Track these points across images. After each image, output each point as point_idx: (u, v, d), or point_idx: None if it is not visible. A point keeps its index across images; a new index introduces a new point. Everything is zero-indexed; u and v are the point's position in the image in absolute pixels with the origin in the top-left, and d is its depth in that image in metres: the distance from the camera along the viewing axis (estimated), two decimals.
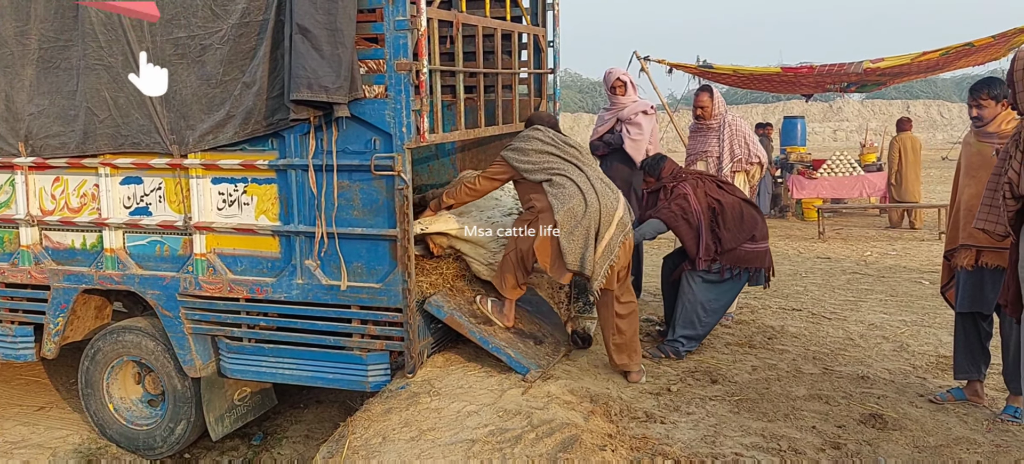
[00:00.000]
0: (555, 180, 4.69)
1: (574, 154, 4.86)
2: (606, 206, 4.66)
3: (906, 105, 38.29)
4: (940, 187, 17.62)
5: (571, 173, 4.72)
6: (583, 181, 4.70)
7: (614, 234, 4.67)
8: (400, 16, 4.27)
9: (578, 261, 4.59)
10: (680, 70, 13.51)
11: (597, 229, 4.62)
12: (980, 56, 11.65)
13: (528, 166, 4.76)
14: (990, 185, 3.48)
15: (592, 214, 4.60)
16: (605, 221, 4.64)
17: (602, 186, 4.75)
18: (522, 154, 4.79)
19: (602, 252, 4.62)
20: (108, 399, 5.42)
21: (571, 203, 4.59)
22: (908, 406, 4.61)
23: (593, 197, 4.65)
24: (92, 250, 5.24)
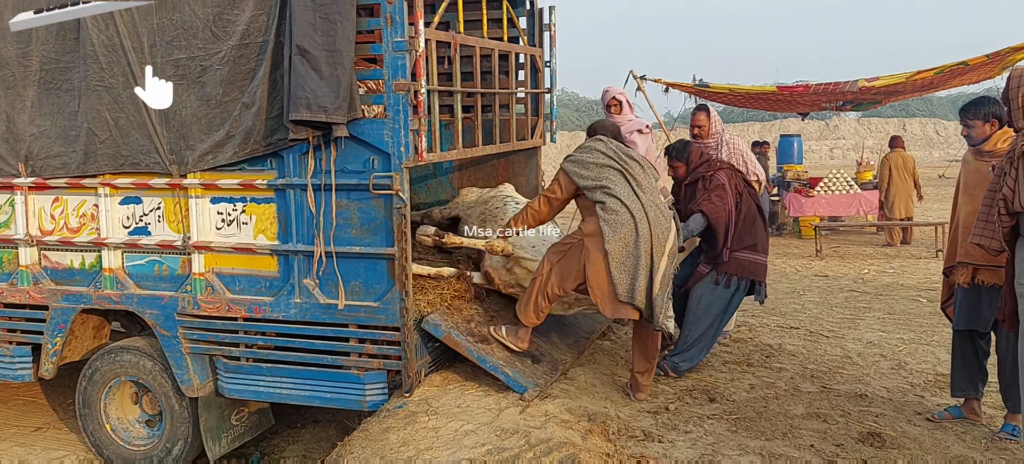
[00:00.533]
0: (608, 204, 4.52)
1: (635, 169, 4.68)
2: (658, 234, 4.53)
3: (902, 123, 38.44)
4: (936, 205, 17.67)
5: (624, 194, 4.55)
6: (635, 204, 4.53)
7: (668, 265, 4.56)
8: (398, 37, 4.31)
9: (628, 292, 4.46)
10: (676, 89, 13.58)
11: (650, 259, 4.49)
12: (974, 75, 11.74)
13: (587, 181, 4.60)
14: (986, 201, 3.51)
15: (643, 244, 4.48)
16: (657, 250, 4.51)
17: (655, 212, 4.58)
18: (582, 166, 4.65)
19: (660, 284, 4.50)
20: (105, 419, 5.41)
21: (623, 231, 4.46)
22: (906, 424, 4.61)
23: (645, 226, 4.50)
24: (91, 270, 5.24)
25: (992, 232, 3.46)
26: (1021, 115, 3.37)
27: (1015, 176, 3.25)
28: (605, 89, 6.81)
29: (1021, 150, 3.23)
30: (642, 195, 4.60)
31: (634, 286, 4.47)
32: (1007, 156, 3.36)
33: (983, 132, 4.35)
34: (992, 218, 3.41)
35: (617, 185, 4.58)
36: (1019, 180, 3.23)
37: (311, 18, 4.23)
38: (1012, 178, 3.26)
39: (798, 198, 13.33)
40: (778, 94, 12.94)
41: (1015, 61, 11.02)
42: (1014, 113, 3.40)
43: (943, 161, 31.13)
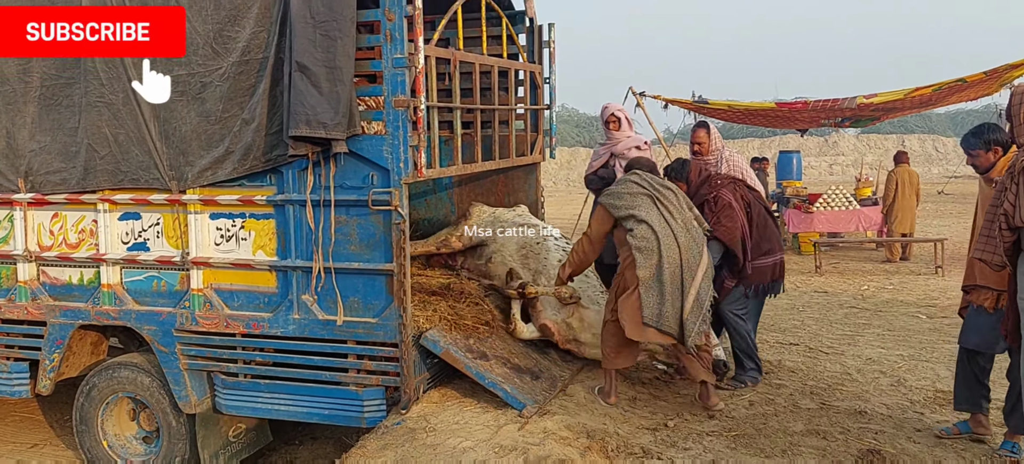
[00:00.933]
0: (636, 231, 4.65)
1: (668, 196, 4.82)
2: (689, 258, 4.62)
3: (901, 139, 38.49)
4: (936, 221, 17.69)
5: (653, 219, 4.66)
6: (664, 229, 4.64)
7: (702, 287, 4.62)
8: (398, 54, 4.33)
9: (655, 316, 4.53)
10: (675, 105, 13.62)
11: (681, 282, 4.57)
12: (972, 92, 11.76)
13: (620, 211, 4.76)
14: (988, 216, 3.52)
15: (672, 267, 4.56)
16: (688, 274, 4.58)
17: (686, 236, 4.69)
18: (617, 198, 4.84)
19: (691, 308, 4.56)
20: (102, 436, 5.39)
21: (652, 257, 4.58)
22: (906, 441, 4.60)
23: (674, 250, 4.59)
24: (89, 286, 5.24)
25: (994, 247, 3.47)
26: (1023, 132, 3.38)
27: (1016, 191, 3.26)
28: (604, 106, 6.82)
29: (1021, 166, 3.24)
30: (672, 220, 4.71)
31: (660, 311, 4.54)
32: (1008, 172, 3.38)
33: (987, 160, 4.34)
34: (994, 233, 3.43)
35: (647, 211, 4.71)
36: (1020, 195, 3.24)
37: (311, 35, 4.25)
38: (1013, 193, 3.28)
39: (797, 214, 13.33)
40: (777, 110, 12.96)
41: (1013, 78, 11.06)
42: (1016, 129, 3.42)
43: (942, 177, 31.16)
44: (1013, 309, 3.50)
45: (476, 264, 5.87)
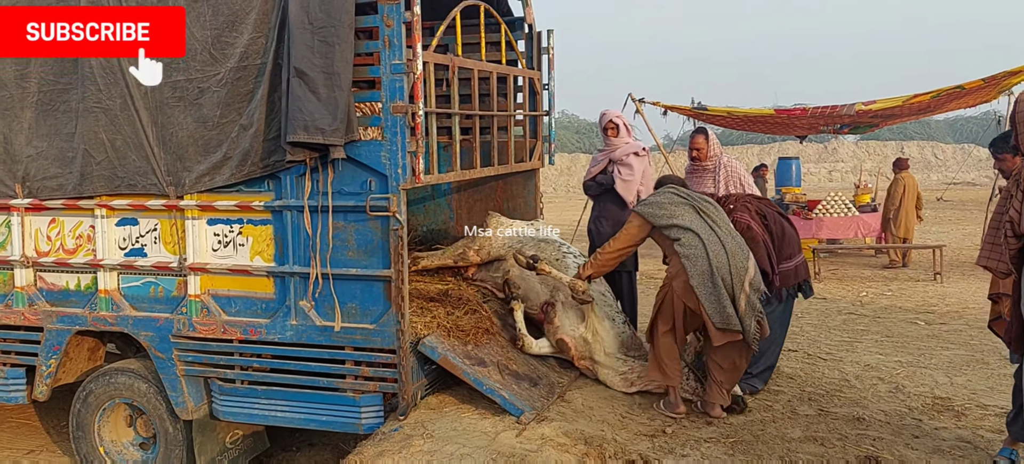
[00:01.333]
0: (684, 239, 4.69)
1: (708, 207, 4.86)
2: (736, 265, 4.65)
3: (900, 146, 38.56)
4: (935, 228, 17.70)
5: (700, 227, 4.71)
6: (711, 237, 4.69)
7: (750, 295, 4.66)
8: (396, 60, 4.33)
9: (724, 319, 4.59)
10: (675, 112, 13.65)
11: (731, 289, 4.61)
12: (971, 98, 11.80)
13: (662, 219, 4.78)
14: (993, 223, 3.52)
15: (722, 273, 4.60)
16: (737, 282, 4.62)
17: (733, 244, 4.73)
18: (657, 207, 4.85)
19: (744, 308, 4.61)
20: (99, 442, 5.38)
21: (701, 264, 4.62)
22: (904, 448, 4.59)
23: (722, 257, 4.64)
24: (86, 291, 5.23)
25: (999, 255, 3.47)
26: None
27: (1021, 199, 3.26)
28: (602, 112, 6.83)
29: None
30: (718, 229, 4.75)
31: (725, 312, 4.59)
32: (1014, 179, 3.38)
33: (1015, 164, 4.31)
34: (999, 241, 3.43)
35: (691, 220, 4.75)
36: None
37: (309, 40, 4.25)
38: (1018, 200, 3.28)
39: (796, 220, 13.30)
40: (776, 117, 13.00)
41: (1011, 85, 11.10)
42: (1021, 137, 3.42)
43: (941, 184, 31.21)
44: (1017, 316, 3.49)
45: (491, 277, 5.83)
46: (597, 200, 6.77)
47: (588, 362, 5.25)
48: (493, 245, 5.88)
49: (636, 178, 6.53)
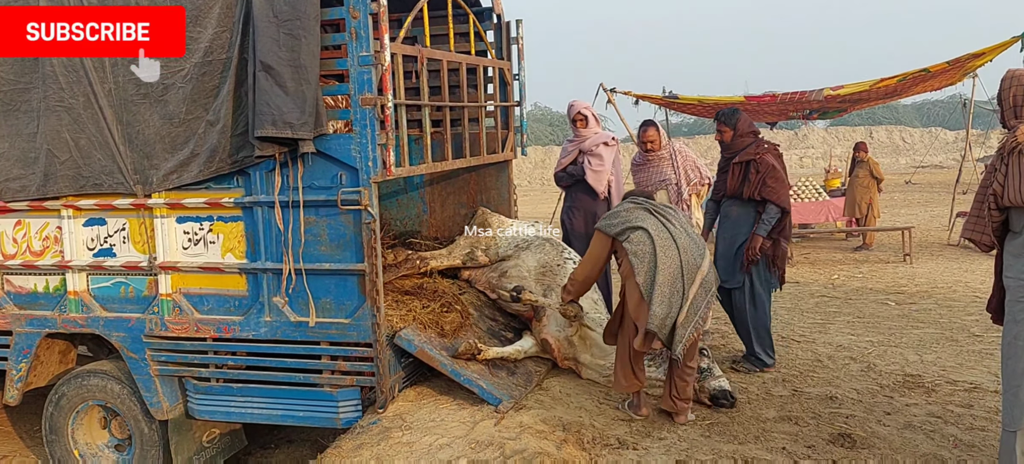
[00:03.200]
0: (632, 237, 4.52)
1: (665, 210, 4.72)
2: (689, 260, 4.48)
3: (869, 131, 39.04)
4: (903, 210, 17.94)
5: (651, 225, 4.53)
6: (662, 234, 4.50)
7: (697, 294, 4.47)
8: (364, 52, 4.30)
9: (661, 323, 4.37)
10: (646, 101, 13.72)
11: (682, 286, 4.43)
12: (936, 81, 11.97)
13: (616, 228, 4.62)
14: (977, 197, 3.59)
15: (670, 269, 4.42)
16: (688, 277, 4.45)
17: (686, 239, 4.55)
18: (612, 217, 4.73)
19: (687, 313, 4.43)
20: (73, 445, 5.31)
21: (647, 261, 4.43)
22: (876, 425, 4.66)
23: (673, 252, 4.45)
24: (55, 293, 5.16)
25: (983, 227, 3.54)
26: (1012, 114, 3.47)
27: (1005, 172, 3.33)
28: (571, 103, 6.88)
29: (1010, 146, 3.32)
30: (671, 225, 4.59)
31: (664, 319, 4.38)
32: (998, 153, 3.45)
33: None
34: (983, 213, 3.49)
35: (643, 220, 4.59)
36: (1009, 175, 3.31)
37: (275, 34, 4.21)
38: (1002, 174, 3.35)
39: None
40: (746, 104, 13.09)
41: (975, 67, 11.27)
42: (1006, 113, 3.50)
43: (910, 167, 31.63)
44: (999, 287, 3.57)
45: (488, 276, 5.79)
46: (568, 191, 6.82)
47: (573, 363, 5.26)
48: (499, 245, 5.88)
49: (606, 168, 6.59)
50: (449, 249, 5.98)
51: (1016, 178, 3.29)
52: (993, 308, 3.69)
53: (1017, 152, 3.29)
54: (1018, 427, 3.31)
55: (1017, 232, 3.41)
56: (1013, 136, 3.32)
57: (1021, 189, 3.27)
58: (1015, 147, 3.30)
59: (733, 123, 5.71)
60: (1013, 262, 3.40)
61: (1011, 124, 3.46)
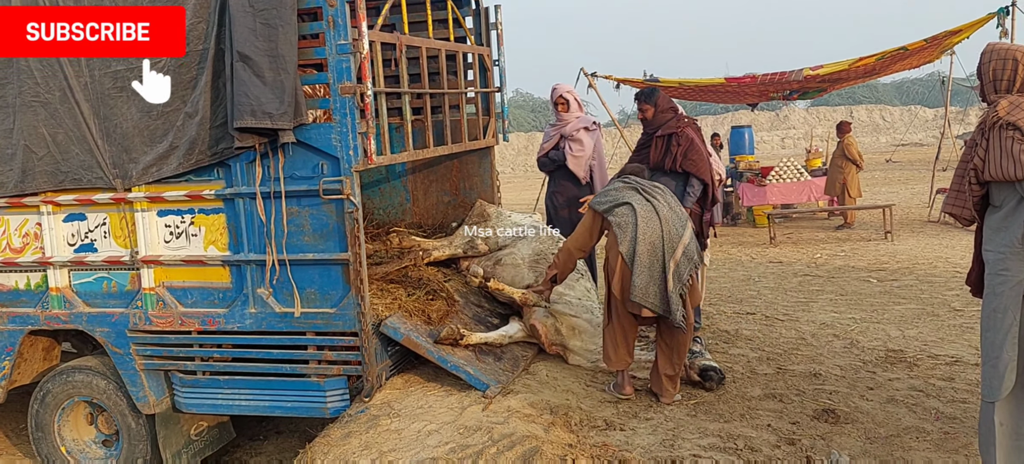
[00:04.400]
0: (616, 212, 4.63)
1: (650, 187, 4.79)
2: (670, 231, 4.56)
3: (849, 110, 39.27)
4: (884, 188, 18.09)
5: (635, 200, 4.64)
6: (645, 207, 4.60)
7: (681, 262, 4.55)
8: (342, 40, 4.28)
9: (643, 294, 4.48)
10: (627, 85, 13.73)
11: (663, 257, 4.52)
12: (914, 59, 12.05)
13: (604, 205, 4.71)
14: (958, 172, 3.61)
15: (651, 240, 4.51)
16: (669, 248, 4.53)
17: (668, 211, 4.65)
18: (602, 195, 4.81)
19: (673, 280, 4.51)
20: (60, 442, 5.29)
21: (630, 231, 4.53)
22: (859, 400, 4.72)
23: (655, 223, 4.55)
24: (37, 290, 5.13)
25: (963, 202, 3.56)
26: (992, 89, 3.49)
27: (986, 147, 3.36)
28: (553, 87, 6.88)
29: (991, 121, 3.34)
30: (654, 200, 4.67)
31: (647, 287, 4.49)
32: (978, 127, 3.47)
33: None
34: (963, 188, 3.52)
35: (629, 196, 4.68)
36: (990, 150, 3.34)
37: (251, 24, 4.18)
38: (983, 149, 3.37)
39: (751, 188, 13.53)
40: (727, 86, 13.13)
41: (952, 44, 11.36)
42: (986, 87, 3.52)
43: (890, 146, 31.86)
44: (978, 261, 3.61)
45: (483, 265, 5.81)
46: (552, 176, 6.84)
47: (559, 348, 5.28)
48: (499, 236, 5.91)
49: (586, 153, 6.60)
50: (449, 239, 5.99)
51: (997, 152, 3.32)
52: (972, 281, 3.73)
53: (998, 127, 3.32)
54: (996, 398, 3.35)
55: (997, 206, 3.44)
56: (994, 110, 3.34)
57: (1002, 163, 3.30)
58: (996, 121, 3.32)
59: (654, 101, 5.77)
60: (993, 236, 3.44)
61: (991, 98, 3.48)
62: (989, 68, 3.50)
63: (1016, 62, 3.42)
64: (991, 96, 3.49)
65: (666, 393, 4.71)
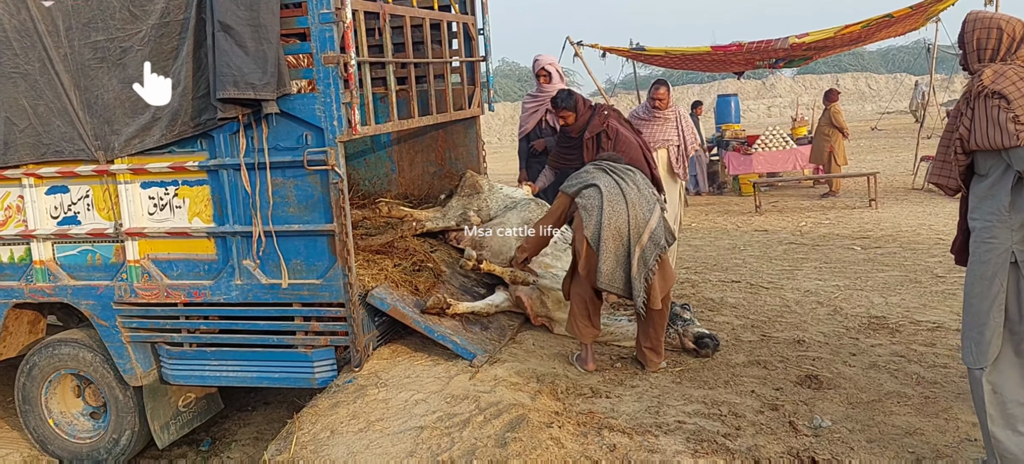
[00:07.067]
0: (584, 193, 4.59)
1: (622, 169, 4.74)
2: (636, 215, 4.51)
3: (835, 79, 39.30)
4: (869, 156, 18.16)
5: (603, 182, 4.59)
6: (613, 190, 4.55)
7: (647, 247, 4.50)
8: (325, 9, 4.24)
9: (608, 280, 4.48)
10: (613, 54, 13.68)
11: (628, 240, 4.49)
12: (900, 27, 12.04)
13: (574, 188, 4.68)
14: (943, 142, 3.62)
15: (616, 223, 4.47)
16: (635, 232, 4.49)
17: (636, 194, 4.59)
18: (574, 178, 4.76)
19: (638, 265, 4.48)
20: (48, 414, 5.29)
21: (596, 214, 4.49)
22: (842, 366, 4.78)
23: (621, 206, 4.50)
24: (21, 263, 5.10)
25: (949, 171, 3.58)
26: (975, 58, 3.49)
27: (971, 115, 3.37)
28: (536, 58, 6.88)
29: (976, 90, 3.35)
30: (624, 183, 4.62)
31: (613, 273, 4.48)
32: (963, 97, 3.48)
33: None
34: (949, 158, 3.53)
35: (598, 178, 4.64)
36: (975, 119, 3.35)
37: None
38: (968, 118, 3.38)
39: (737, 156, 13.57)
40: (712, 54, 13.10)
41: (938, 11, 11.35)
42: (969, 56, 3.52)
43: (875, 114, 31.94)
44: (963, 229, 3.63)
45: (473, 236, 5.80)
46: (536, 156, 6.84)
47: (544, 319, 5.31)
48: (490, 207, 5.89)
49: None
50: (443, 210, 5.99)
51: (982, 121, 3.33)
52: (957, 249, 3.75)
53: (983, 96, 3.33)
54: (983, 365, 3.38)
55: (983, 175, 3.46)
56: (979, 79, 3.35)
57: (988, 132, 3.32)
58: (981, 91, 3.33)
59: (572, 105, 5.59)
60: (979, 204, 3.46)
61: (974, 67, 3.49)
62: (973, 37, 3.50)
63: (1001, 30, 3.42)
64: (974, 65, 3.50)
65: (650, 363, 4.75)
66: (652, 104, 7.02)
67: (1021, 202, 3.30)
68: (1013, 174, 3.29)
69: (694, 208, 12.54)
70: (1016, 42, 3.40)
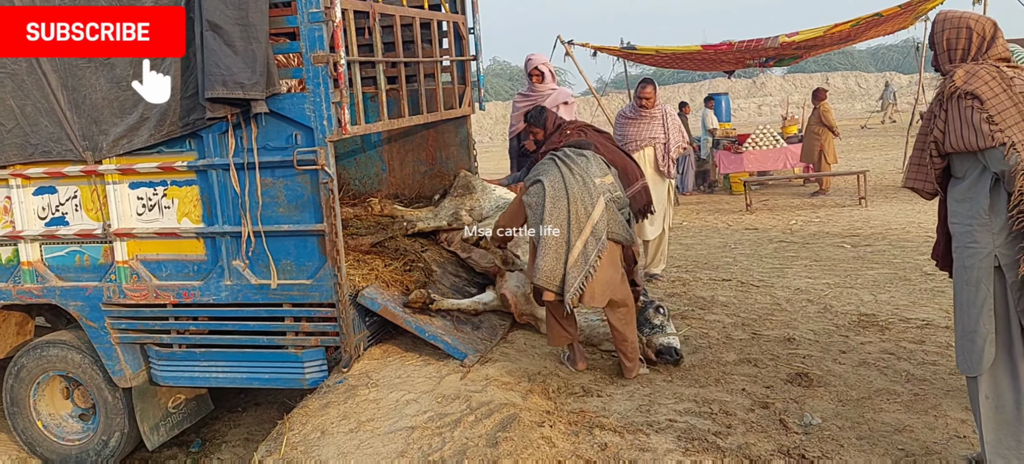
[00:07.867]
0: (530, 190, 4.48)
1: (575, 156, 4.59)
2: (578, 209, 4.36)
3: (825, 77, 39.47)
4: (859, 155, 18.24)
5: (550, 177, 4.44)
6: (556, 184, 4.41)
7: (588, 242, 4.34)
8: (314, 8, 4.22)
9: (548, 277, 4.32)
10: (604, 53, 13.70)
11: (568, 234, 4.34)
12: (889, 25, 12.10)
13: (529, 176, 4.60)
14: (918, 144, 3.58)
15: (558, 218, 4.34)
16: (575, 226, 4.34)
17: (580, 188, 4.41)
18: (532, 170, 4.66)
19: (575, 261, 4.32)
20: (36, 416, 5.26)
21: (536, 211, 4.39)
22: (832, 363, 4.79)
23: (562, 202, 4.36)
24: (8, 264, 5.06)
25: (925, 175, 3.53)
26: (946, 58, 3.46)
27: (945, 118, 3.34)
28: (528, 57, 6.88)
29: (949, 91, 3.31)
30: (568, 174, 4.46)
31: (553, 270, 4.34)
32: (936, 98, 3.44)
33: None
34: (924, 161, 3.49)
35: (546, 173, 4.51)
36: (949, 121, 3.30)
37: None
38: (942, 120, 3.35)
39: (727, 155, 13.60)
40: (703, 53, 13.14)
41: (927, 9, 11.41)
42: (940, 57, 3.49)
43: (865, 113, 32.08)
44: (944, 234, 3.60)
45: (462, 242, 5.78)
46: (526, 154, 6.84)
47: (530, 318, 5.30)
48: (483, 207, 5.88)
49: None
50: (435, 211, 5.97)
51: (957, 123, 3.29)
52: (939, 255, 3.71)
53: (956, 97, 3.30)
54: (978, 373, 3.33)
55: (960, 178, 3.42)
56: (951, 80, 3.33)
57: (963, 133, 3.28)
58: (954, 92, 3.30)
59: (542, 122, 5.54)
60: (957, 207, 3.42)
61: (946, 68, 3.47)
62: (942, 37, 3.47)
63: (970, 30, 3.39)
64: (946, 66, 3.47)
65: (624, 369, 4.60)
66: (639, 103, 7.06)
67: (1000, 204, 3.23)
68: (991, 176, 3.23)
69: (685, 206, 12.56)
70: (987, 41, 3.37)
